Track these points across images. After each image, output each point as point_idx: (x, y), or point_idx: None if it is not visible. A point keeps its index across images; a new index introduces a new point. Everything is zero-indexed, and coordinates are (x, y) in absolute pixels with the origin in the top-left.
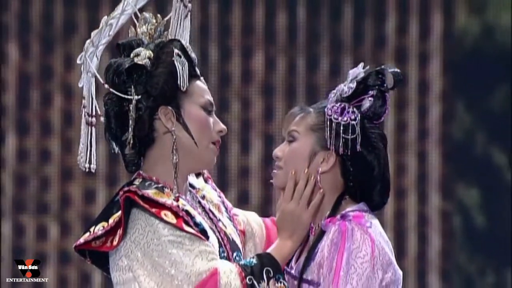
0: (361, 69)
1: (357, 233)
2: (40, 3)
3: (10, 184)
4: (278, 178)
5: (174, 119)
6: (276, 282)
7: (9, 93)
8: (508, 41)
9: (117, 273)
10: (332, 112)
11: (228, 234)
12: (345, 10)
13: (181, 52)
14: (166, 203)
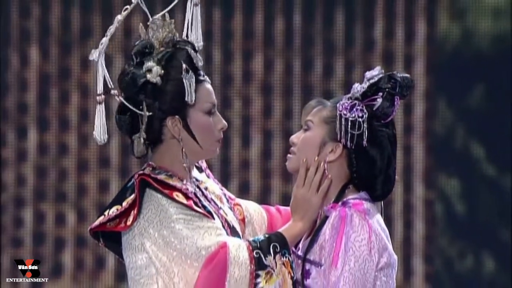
0: (376, 72)
1: (356, 219)
2: (58, 10)
3: (32, 175)
4: (291, 162)
5: (180, 126)
6: (282, 257)
7: (31, 92)
8: (485, 45)
9: (129, 252)
10: (342, 108)
11: (229, 221)
12: (337, 16)
13: (188, 63)
14: (177, 186)
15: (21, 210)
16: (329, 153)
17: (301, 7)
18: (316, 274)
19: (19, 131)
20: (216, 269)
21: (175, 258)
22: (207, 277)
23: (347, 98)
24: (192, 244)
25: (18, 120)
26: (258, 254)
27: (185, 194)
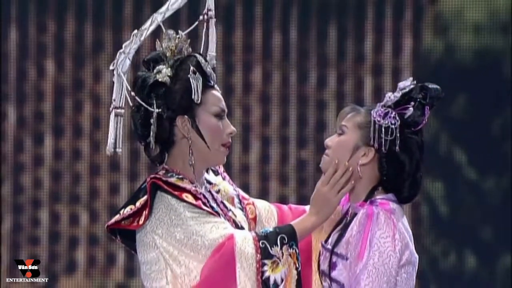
0: (408, 83)
1: (382, 217)
2: (72, 26)
3: (47, 178)
4: (325, 162)
5: (189, 126)
6: (289, 248)
7: (47, 102)
8: (466, 59)
9: (141, 249)
10: (376, 115)
11: (237, 222)
12: (330, 32)
13: (197, 67)
14: (187, 187)
15: (37, 211)
16: (361, 157)
17: (296, 23)
18: (342, 266)
19: (36, 138)
20: (223, 257)
21: (184, 252)
22: (214, 264)
23: (380, 105)
24: (201, 238)
25: (35, 127)
26: (264, 244)
27: (194, 195)
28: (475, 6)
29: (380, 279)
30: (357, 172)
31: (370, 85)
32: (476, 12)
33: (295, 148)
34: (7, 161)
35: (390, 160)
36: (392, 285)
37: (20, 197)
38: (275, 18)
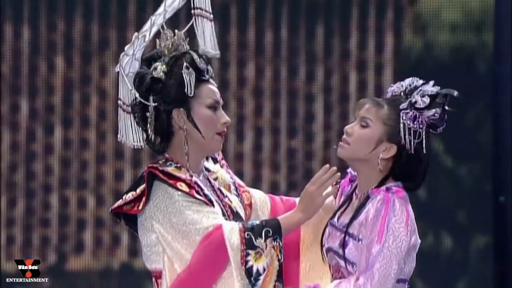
0: (434, 88)
1: (397, 204)
2: (80, 24)
3: (57, 165)
4: (344, 151)
5: (185, 118)
6: (273, 241)
7: (57, 95)
8: (443, 55)
9: (142, 232)
10: (406, 118)
11: (233, 207)
12: (317, 30)
13: (190, 63)
14: (181, 177)
15: (48, 195)
16: (383, 151)
17: (287, 23)
18: (353, 246)
19: (47, 128)
20: (211, 245)
21: (177, 239)
22: (203, 252)
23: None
24: (192, 225)
25: (46, 119)
26: (249, 236)
27: (188, 184)
28: (451, 7)
29: (393, 261)
30: (377, 165)
31: (355, 79)
32: (452, 12)
33: (285, 137)
34: (20, 149)
35: (412, 157)
36: (401, 266)
37: (32, 183)
38: (267, 17)
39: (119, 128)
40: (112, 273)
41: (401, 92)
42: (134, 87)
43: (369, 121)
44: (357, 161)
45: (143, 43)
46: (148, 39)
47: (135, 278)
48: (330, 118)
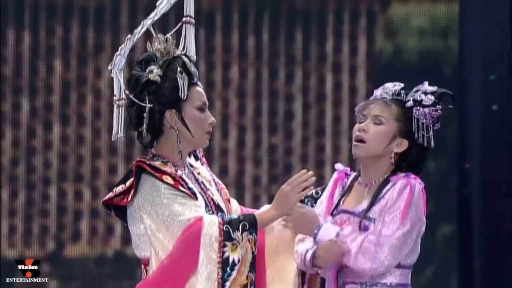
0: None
1: (417, 189)
2: (77, 30)
3: (56, 160)
4: (362, 150)
5: (177, 118)
6: (249, 234)
7: (55, 95)
8: (412, 59)
9: (131, 222)
10: (418, 114)
11: (215, 199)
12: (296, 35)
13: (183, 68)
14: (167, 170)
15: (47, 188)
16: (395, 146)
17: (268, 28)
18: (373, 229)
19: (46, 126)
20: (191, 235)
21: (162, 228)
22: (183, 241)
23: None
24: (175, 217)
25: (45, 117)
26: (228, 229)
27: (173, 178)
28: (419, 15)
29: (408, 238)
30: (390, 158)
31: (331, 81)
32: (420, 19)
33: (267, 134)
34: (21, 145)
35: (421, 149)
36: (412, 243)
37: (32, 176)
38: (249, 23)
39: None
40: (106, 260)
41: (392, 93)
42: (129, 88)
43: (383, 119)
44: (372, 157)
45: (131, 44)
46: (136, 38)
47: (128, 265)
48: (308, 116)
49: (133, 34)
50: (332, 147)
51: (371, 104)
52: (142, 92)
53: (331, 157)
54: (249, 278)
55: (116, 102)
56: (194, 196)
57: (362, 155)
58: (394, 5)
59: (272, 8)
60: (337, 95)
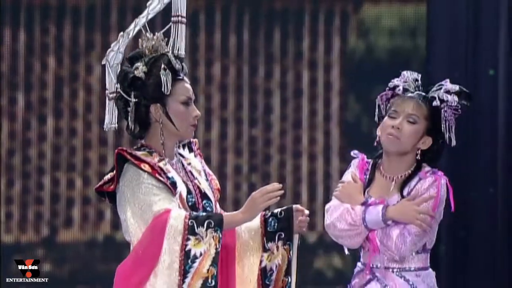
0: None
1: (444, 186)
2: (69, 29)
3: (49, 151)
4: (395, 145)
5: (161, 112)
6: (214, 232)
7: (49, 90)
8: (383, 57)
9: (119, 208)
10: (447, 114)
11: (202, 188)
12: (275, 34)
13: (167, 65)
14: (147, 160)
15: (42, 177)
16: (422, 143)
17: (248, 27)
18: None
19: (40, 119)
20: (157, 225)
21: (137, 216)
22: (150, 230)
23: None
24: (148, 207)
25: (40, 110)
26: (192, 223)
27: (151, 166)
28: (389, 15)
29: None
30: (416, 155)
31: (307, 77)
32: (390, 19)
33: (247, 127)
34: (17, 137)
35: (443, 145)
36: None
37: (27, 166)
38: (231, 23)
39: (106, 115)
40: (97, 244)
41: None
42: (118, 82)
43: (416, 117)
44: (401, 152)
45: (126, 40)
46: (131, 36)
47: (117, 249)
48: (286, 110)
49: (126, 32)
50: (308, 138)
51: (405, 102)
52: (129, 87)
53: (307, 148)
54: (210, 272)
55: (108, 95)
56: (172, 186)
57: (394, 150)
58: (366, 6)
59: (252, 9)
60: (312, 90)
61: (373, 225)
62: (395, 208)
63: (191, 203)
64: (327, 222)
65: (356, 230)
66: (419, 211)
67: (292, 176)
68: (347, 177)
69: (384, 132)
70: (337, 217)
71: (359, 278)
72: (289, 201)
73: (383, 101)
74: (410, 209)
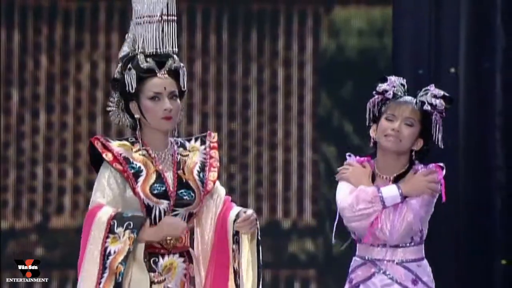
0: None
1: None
2: (60, 29)
3: (42, 143)
4: (395, 144)
5: (136, 109)
6: (131, 233)
7: (41, 86)
8: (353, 55)
9: None
10: (437, 117)
11: (183, 177)
12: (252, 34)
13: (135, 64)
14: (114, 150)
15: (35, 167)
16: (415, 144)
17: (227, 28)
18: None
19: (33, 113)
20: (88, 218)
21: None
22: (85, 220)
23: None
24: (93, 194)
25: (33, 105)
26: (114, 223)
27: (114, 156)
28: (358, 17)
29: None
30: (412, 156)
31: (282, 74)
32: (359, 21)
33: (226, 121)
34: (12, 130)
35: (430, 147)
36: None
37: (21, 157)
38: (211, 24)
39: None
40: None
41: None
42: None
43: (413, 121)
44: (400, 152)
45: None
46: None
47: None
48: (262, 105)
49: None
50: (283, 131)
51: (401, 106)
52: (112, 88)
53: (282, 140)
54: (118, 269)
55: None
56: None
57: (394, 149)
58: (337, 8)
59: (231, 10)
60: (287, 87)
61: (390, 201)
62: (406, 183)
63: (157, 191)
64: (343, 205)
65: (374, 207)
66: (428, 179)
67: (268, 166)
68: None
69: (382, 134)
70: (354, 198)
71: (361, 271)
72: (265, 189)
73: (373, 105)
74: (419, 180)
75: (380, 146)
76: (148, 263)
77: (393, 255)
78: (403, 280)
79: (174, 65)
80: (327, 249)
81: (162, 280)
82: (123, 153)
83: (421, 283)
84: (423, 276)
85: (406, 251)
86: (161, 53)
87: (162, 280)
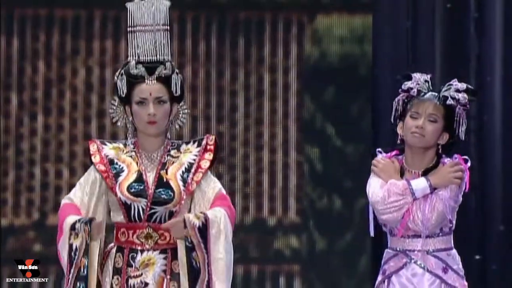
0: (461, 84)
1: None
2: (58, 36)
3: (39, 144)
4: (421, 140)
5: (129, 113)
6: (84, 225)
7: (39, 90)
8: (335, 62)
9: None
10: (460, 112)
11: (165, 177)
12: (240, 41)
13: (126, 71)
14: (102, 152)
15: (33, 167)
16: (441, 139)
17: (216, 35)
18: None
19: (31, 116)
20: (60, 215)
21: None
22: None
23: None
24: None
25: (31, 108)
26: (75, 221)
27: (101, 157)
28: (340, 25)
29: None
30: (438, 150)
31: (268, 79)
32: (341, 29)
33: (215, 123)
34: (11, 132)
35: (455, 140)
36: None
37: (20, 158)
38: (200, 31)
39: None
40: None
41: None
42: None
43: (436, 117)
44: (426, 147)
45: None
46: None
47: None
48: (249, 109)
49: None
50: (269, 133)
51: (424, 103)
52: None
53: (268, 141)
54: (82, 262)
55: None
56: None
57: (420, 145)
58: (320, 17)
59: (219, 19)
60: (273, 91)
61: (420, 193)
62: (434, 175)
63: (134, 189)
64: (375, 199)
65: (405, 199)
66: (454, 169)
67: (255, 166)
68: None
69: (408, 131)
70: (385, 192)
71: (394, 262)
72: (252, 188)
73: (399, 103)
74: (447, 171)
75: (407, 143)
76: (127, 257)
77: (424, 245)
78: (433, 269)
79: (165, 72)
80: (310, 245)
81: (139, 274)
82: (109, 155)
83: (451, 270)
84: (453, 264)
85: (436, 241)
86: (154, 61)
87: (139, 274)
